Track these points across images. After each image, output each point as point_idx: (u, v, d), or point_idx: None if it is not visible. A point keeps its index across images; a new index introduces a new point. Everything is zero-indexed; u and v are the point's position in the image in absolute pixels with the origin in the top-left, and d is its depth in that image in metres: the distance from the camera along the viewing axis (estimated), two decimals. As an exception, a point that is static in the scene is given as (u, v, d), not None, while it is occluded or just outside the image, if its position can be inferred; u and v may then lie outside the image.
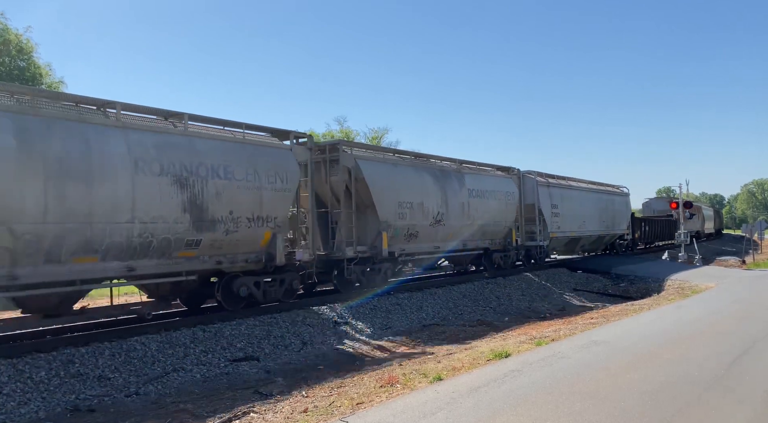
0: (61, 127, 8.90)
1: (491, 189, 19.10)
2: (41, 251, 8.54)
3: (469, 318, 15.02)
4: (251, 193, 11.45)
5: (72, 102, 9.65)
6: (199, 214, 10.50)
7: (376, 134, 45.37)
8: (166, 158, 10.06)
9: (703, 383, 6.70)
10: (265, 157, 11.96)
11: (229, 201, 11.01)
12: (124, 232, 9.43)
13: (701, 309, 13.24)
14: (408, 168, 16.29)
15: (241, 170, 11.30)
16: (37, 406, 7.50)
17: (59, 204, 8.62)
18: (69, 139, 8.91)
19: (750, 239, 45.32)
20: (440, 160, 18.06)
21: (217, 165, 10.87)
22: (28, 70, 25.94)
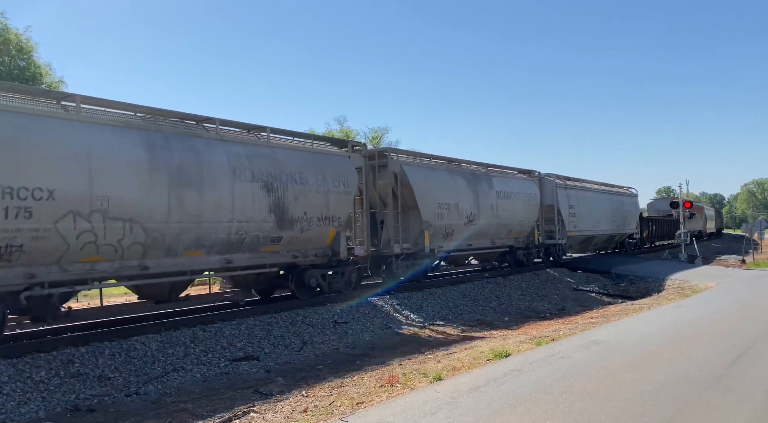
0: (178, 142, 10.51)
1: (516, 191, 20.50)
2: (164, 246, 10.23)
3: (469, 318, 15.02)
4: (320, 197, 13.10)
5: (177, 118, 11.21)
6: (281, 215, 12.16)
7: (376, 134, 45.36)
8: (256, 167, 11.72)
9: (703, 383, 6.70)
10: (330, 164, 13.66)
11: (304, 203, 12.69)
12: (224, 230, 11.08)
13: (701, 309, 13.24)
14: (444, 172, 17.86)
15: (313, 176, 12.97)
16: (37, 406, 7.50)
17: (179, 207, 10.25)
18: (184, 152, 10.50)
19: (750, 239, 45.33)
20: (470, 164, 19.59)
21: (294, 172, 12.53)
22: (28, 70, 25.93)
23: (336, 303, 13.56)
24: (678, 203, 32.29)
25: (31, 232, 8.45)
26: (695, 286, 18.84)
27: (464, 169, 19.00)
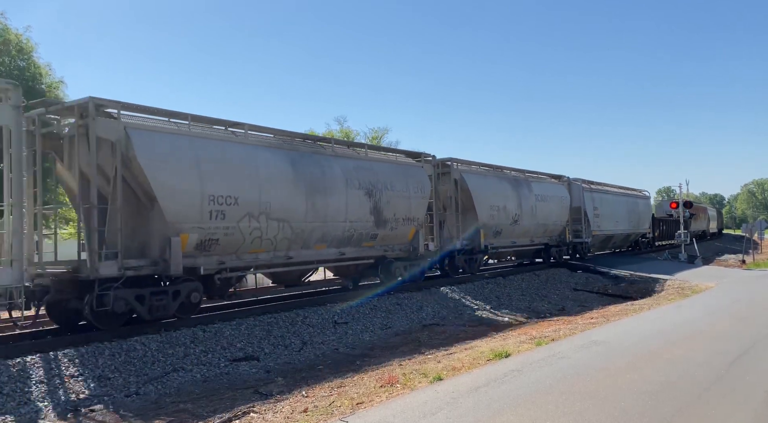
0: (309, 158, 13.20)
1: (550, 194, 23.09)
2: (302, 240, 12.97)
3: (469, 318, 15.02)
4: (405, 201, 15.64)
5: (300, 138, 14.21)
6: (378, 216, 14.77)
7: (376, 134, 45.34)
8: (361, 177, 14.34)
9: (704, 383, 6.70)
10: (411, 173, 16.28)
11: (393, 207, 15.20)
12: (340, 228, 13.81)
13: (701, 309, 13.24)
14: (494, 178, 20.39)
15: (399, 184, 15.53)
16: (37, 406, 7.50)
17: (313, 210, 12.93)
18: (314, 166, 13.18)
19: (750, 239, 45.33)
20: (512, 171, 21.95)
21: (386, 181, 15.11)
22: (28, 70, 25.92)
23: (336, 303, 13.57)
24: (678, 203, 32.34)
25: (223, 229, 11.10)
26: (695, 286, 18.84)
27: (508, 174, 21.49)
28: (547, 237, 23.33)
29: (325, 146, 14.30)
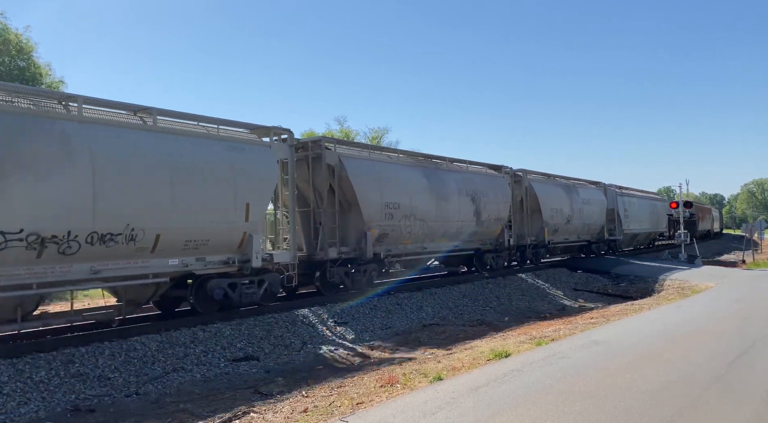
0: (434, 173, 17.51)
1: (592, 198, 27.32)
2: (432, 235, 16.96)
3: (469, 318, 15.02)
4: (494, 205, 19.61)
5: (424, 157, 18.39)
6: (478, 217, 18.79)
7: (376, 134, 45.39)
8: (467, 187, 18.52)
9: (704, 383, 6.70)
10: (497, 182, 20.53)
11: (488, 209, 19.17)
12: (454, 227, 17.90)
13: (701, 309, 13.24)
14: (552, 184, 24.78)
15: (490, 191, 19.60)
16: (37, 406, 7.50)
17: (438, 212, 17.02)
18: (438, 179, 17.40)
19: (750, 239, 45.33)
20: (562, 178, 26.30)
21: (483, 189, 19.22)
22: (28, 70, 25.93)
23: (336, 303, 13.57)
24: (679, 204, 32.40)
25: (391, 226, 15.30)
26: (695, 286, 18.84)
27: (561, 182, 25.77)
28: (589, 235, 27.65)
29: (442, 163, 18.64)
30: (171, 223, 10.21)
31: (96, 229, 9.20)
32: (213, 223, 10.91)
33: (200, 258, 10.94)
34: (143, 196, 9.78)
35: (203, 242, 10.82)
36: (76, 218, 8.98)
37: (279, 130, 13.13)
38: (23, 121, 8.58)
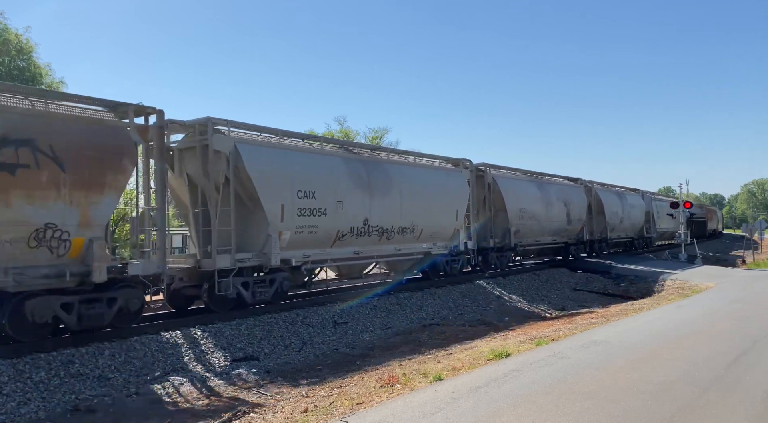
0: (541, 185, 23.54)
1: (635, 203, 33.50)
2: (542, 232, 23.07)
3: (470, 318, 15.02)
4: (577, 208, 25.64)
5: (537, 173, 25.04)
6: (568, 218, 24.81)
7: (376, 134, 45.35)
8: (562, 195, 24.64)
9: (703, 383, 6.70)
10: (577, 190, 26.69)
11: (574, 212, 25.22)
12: (555, 225, 23.99)
13: (701, 309, 13.23)
14: (608, 191, 30.64)
15: (576, 198, 25.84)
16: (37, 406, 7.50)
17: (546, 214, 22.87)
18: (544, 190, 23.41)
19: (750, 239, 45.34)
20: (614, 186, 32.50)
21: (570, 196, 25.31)
22: (28, 70, 25.91)
23: (336, 303, 13.57)
24: (679, 204, 32.44)
25: (529, 225, 21.82)
26: (695, 286, 18.84)
27: (613, 189, 31.88)
28: (634, 233, 33.79)
29: (544, 177, 25.04)
30: (426, 222, 16.64)
31: (401, 225, 15.83)
32: (443, 221, 17.41)
33: (433, 245, 17.31)
34: (416, 206, 16.18)
35: (434, 234, 17.20)
36: (395, 219, 15.56)
37: (465, 160, 19.58)
38: (369, 164, 15.20)
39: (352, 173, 14.23)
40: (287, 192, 12.44)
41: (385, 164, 15.75)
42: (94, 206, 9.28)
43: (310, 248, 13.24)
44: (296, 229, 12.69)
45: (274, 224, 12.14)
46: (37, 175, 8.59)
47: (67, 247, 9.01)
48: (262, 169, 12.02)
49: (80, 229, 9.14)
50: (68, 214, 8.98)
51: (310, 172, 13.12)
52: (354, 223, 14.13)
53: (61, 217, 8.89)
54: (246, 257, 11.95)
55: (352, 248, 14.34)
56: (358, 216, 14.20)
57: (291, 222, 12.54)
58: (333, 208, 13.48)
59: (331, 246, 13.82)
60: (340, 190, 13.70)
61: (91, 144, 9.26)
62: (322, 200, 13.17)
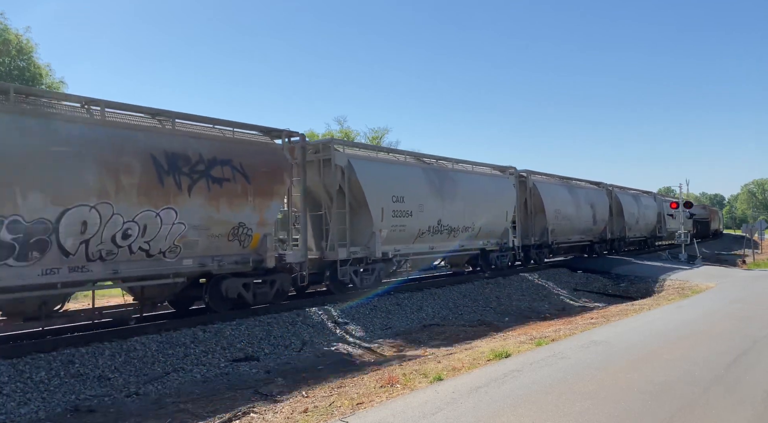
0: (570, 189, 26.00)
1: (648, 204, 36.41)
2: (573, 230, 25.72)
3: (470, 318, 15.02)
4: (602, 209, 28.32)
5: (567, 178, 27.10)
6: (594, 219, 27.17)
7: (376, 134, 45.37)
8: (588, 198, 26.97)
9: (704, 383, 6.70)
10: (600, 193, 29.18)
11: (598, 213, 27.71)
12: (583, 224, 26.40)
13: (701, 309, 13.23)
14: (626, 194, 33.23)
15: (599, 200, 28.34)
16: (37, 406, 7.50)
17: (577, 215, 25.63)
18: (573, 194, 25.79)
19: (750, 239, 45.33)
20: (631, 190, 35.01)
21: (595, 199, 27.79)
22: (28, 70, 25.91)
23: (336, 303, 13.57)
24: (679, 204, 32.44)
25: (564, 222, 24.35)
26: (695, 286, 18.84)
27: (629, 192, 34.37)
28: (647, 232, 36.59)
29: (572, 181, 27.24)
30: (483, 222, 19.14)
31: (465, 225, 18.26)
32: (495, 221, 19.96)
33: (487, 242, 20.00)
34: (475, 208, 18.64)
35: (489, 232, 19.83)
36: (460, 220, 18.08)
37: (511, 168, 21.92)
38: (440, 173, 17.78)
39: (429, 181, 16.98)
40: (385, 197, 15.23)
41: (450, 172, 18.40)
42: (266, 209, 12.03)
43: (399, 243, 15.95)
44: (391, 227, 15.43)
45: (376, 224, 14.91)
46: (234, 187, 11.31)
47: (249, 241, 11.82)
48: (369, 179, 14.80)
49: (258, 227, 11.90)
50: (252, 216, 11.70)
51: (400, 180, 15.90)
52: (430, 223, 16.79)
53: (248, 217, 11.63)
54: (357, 250, 14.75)
55: (427, 244, 17.07)
56: (433, 217, 16.84)
57: (388, 222, 15.29)
58: (417, 210, 16.15)
59: (413, 242, 16.48)
60: (422, 195, 16.42)
61: (263, 162, 12.07)
62: (409, 204, 15.87)
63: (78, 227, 9.05)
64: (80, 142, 9.13)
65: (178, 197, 10.31)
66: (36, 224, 8.59)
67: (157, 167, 10.05)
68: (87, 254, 9.28)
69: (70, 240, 8.99)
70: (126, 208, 9.58)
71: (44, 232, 8.69)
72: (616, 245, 31.21)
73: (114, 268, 9.70)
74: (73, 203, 8.96)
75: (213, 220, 10.94)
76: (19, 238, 8.46)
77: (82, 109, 9.71)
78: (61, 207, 8.83)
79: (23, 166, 8.45)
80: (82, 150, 9.11)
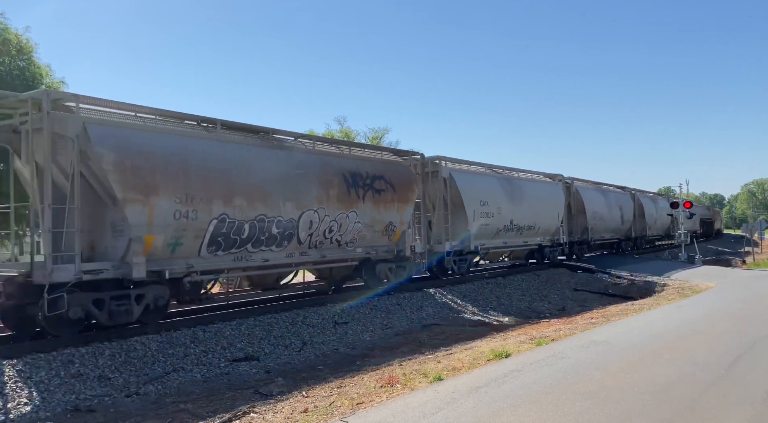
0: (603, 193, 29.69)
1: (663, 206, 38.38)
2: (604, 231, 29.23)
3: (470, 318, 15.00)
4: (627, 210, 32.08)
5: (588, 181, 29.88)
6: (622, 218, 30.89)
7: (377, 134, 45.30)
8: (616, 200, 30.60)
9: (704, 383, 6.70)
10: (624, 196, 32.29)
11: (624, 214, 30.91)
12: (613, 225, 30.19)
13: (701, 309, 13.23)
14: (646, 197, 36.43)
15: (624, 203, 31.50)
16: (37, 406, 7.50)
17: (609, 215, 29.23)
18: (604, 196, 29.49)
19: (750, 239, 45.34)
20: (650, 193, 39.12)
21: (619, 201, 31.01)
22: (28, 70, 25.85)
23: (336, 303, 13.57)
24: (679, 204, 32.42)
25: (596, 225, 27.85)
26: (695, 286, 18.84)
27: (648, 194, 37.69)
28: (662, 232, 39.74)
29: (602, 185, 30.49)
30: (541, 222, 22.52)
31: (528, 224, 21.62)
32: (549, 221, 23.26)
33: (543, 238, 23.19)
34: (536, 210, 21.95)
35: (545, 230, 23.16)
36: (525, 219, 21.39)
37: (559, 176, 25.32)
38: (510, 181, 21.52)
39: (503, 188, 20.58)
40: (476, 202, 18.70)
41: (516, 180, 22.11)
42: (404, 212, 15.67)
43: (483, 239, 19.47)
44: (479, 226, 18.81)
45: (470, 223, 18.32)
46: (386, 195, 14.97)
47: (394, 235, 15.52)
48: (465, 187, 18.36)
49: (400, 225, 15.61)
50: (396, 217, 15.33)
51: (485, 188, 19.63)
52: (505, 223, 20.32)
53: (394, 218, 15.28)
54: (456, 244, 18.20)
55: (502, 240, 20.61)
56: (507, 217, 20.32)
57: (477, 221, 18.68)
58: (496, 213, 19.66)
59: (493, 238, 20.06)
60: (499, 200, 19.90)
61: (401, 176, 15.85)
62: (491, 207, 19.43)
63: (308, 224, 12.78)
64: (306, 166, 12.91)
65: (357, 203, 14.02)
66: (288, 222, 12.26)
67: (346, 182, 13.77)
68: (309, 243, 13.07)
69: (303, 233, 12.76)
70: (331, 211, 13.31)
71: (292, 228, 12.37)
72: (639, 243, 34.91)
73: (322, 253, 13.57)
74: (306, 208, 12.65)
75: (375, 220, 14.61)
76: (280, 231, 12.16)
77: (295, 141, 13.66)
78: (300, 211, 12.51)
79: (282, 183, 12.16)
80: (308, 171, 12.85)
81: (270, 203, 11.83)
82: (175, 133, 10.91)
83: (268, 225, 11.82)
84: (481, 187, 19.41)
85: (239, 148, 11.65)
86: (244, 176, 11.41)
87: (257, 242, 11.78)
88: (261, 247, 11.94)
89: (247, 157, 11.66)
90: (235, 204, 11.12)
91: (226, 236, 11.05)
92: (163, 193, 9.94)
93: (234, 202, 11.09)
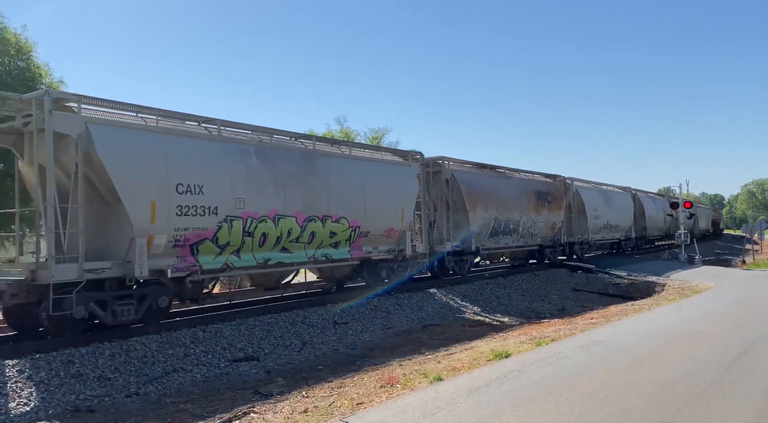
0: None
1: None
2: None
3: (470, 319, 15.00)
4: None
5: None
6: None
7: (377, 134, 45.28)
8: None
9: (704, 383, 6.70)
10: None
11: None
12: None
13: (701, 309, 13.23)
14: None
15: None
16: (37, 406, 7.49)
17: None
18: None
19: (750, 239, 45.33)
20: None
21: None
22: (28, 70, 25.82)
23: (336, 303, 13.56)
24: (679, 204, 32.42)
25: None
26: (695, 286, 18.84)
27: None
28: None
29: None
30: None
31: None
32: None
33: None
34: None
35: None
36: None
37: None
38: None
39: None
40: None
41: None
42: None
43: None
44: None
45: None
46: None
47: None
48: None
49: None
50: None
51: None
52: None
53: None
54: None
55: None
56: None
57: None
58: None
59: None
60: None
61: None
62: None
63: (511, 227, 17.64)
64: (522, 185, 18.16)
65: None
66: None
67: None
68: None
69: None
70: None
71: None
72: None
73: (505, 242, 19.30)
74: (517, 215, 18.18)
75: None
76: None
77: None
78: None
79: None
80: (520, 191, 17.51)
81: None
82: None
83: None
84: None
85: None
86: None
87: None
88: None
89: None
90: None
91: None
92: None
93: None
